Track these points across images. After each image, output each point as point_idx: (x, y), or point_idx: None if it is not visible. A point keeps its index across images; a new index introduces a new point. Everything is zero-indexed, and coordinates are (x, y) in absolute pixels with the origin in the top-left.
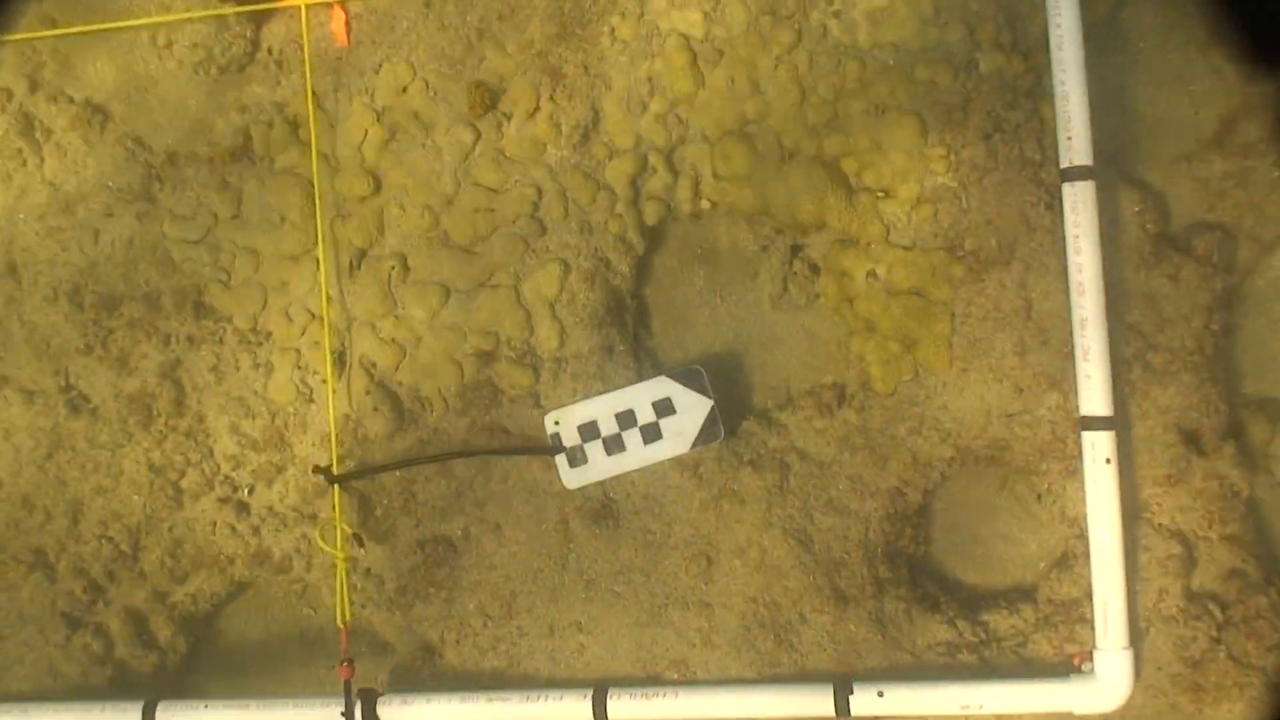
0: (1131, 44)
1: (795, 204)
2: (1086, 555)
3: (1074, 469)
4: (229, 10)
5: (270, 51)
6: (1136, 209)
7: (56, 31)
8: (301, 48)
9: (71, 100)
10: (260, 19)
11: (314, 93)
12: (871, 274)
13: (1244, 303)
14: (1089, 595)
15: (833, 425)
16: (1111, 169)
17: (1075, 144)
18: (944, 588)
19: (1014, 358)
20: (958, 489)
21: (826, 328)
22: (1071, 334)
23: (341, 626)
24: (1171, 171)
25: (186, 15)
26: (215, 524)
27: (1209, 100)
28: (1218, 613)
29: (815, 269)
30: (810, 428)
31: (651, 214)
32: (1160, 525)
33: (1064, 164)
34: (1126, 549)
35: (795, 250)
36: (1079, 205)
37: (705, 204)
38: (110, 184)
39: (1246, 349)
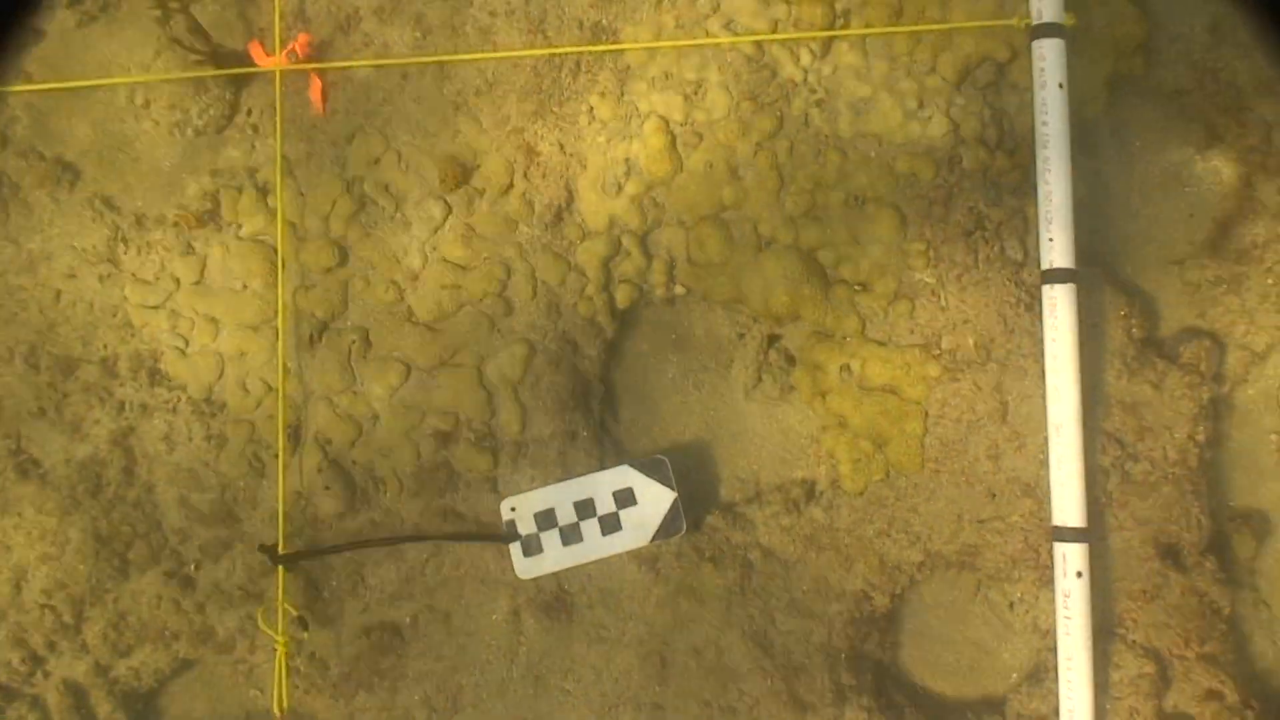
0: (1127, 143)
1: (770, 294)
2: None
3: (1048, 578)
4: (207, 73)
5: (250, 113)
6: (1123, 312)
7: (32, 87)
8: (277, 105)
9: (42, 157)
10: (241, 82)
11: (286, 159)
12: (845, 369)
13: (1234, 413)
14: (1058, 712)
15: (799, 523)
16: (1098, 270)
17: (1057, 245)
18: (910, 697)
19: (988, 462)
20: (929, 592)
21: (800, 421)
22: (1047, 440)
23: (278, 714)
24: (1162, 275)
25: (165, 76)
26: (160, 598)
27: (1204, 202)
28: None
29: (791, 360)
30: (776, 525)
31: (623, 297)
32: (1134, 642)
33: (1045, 265)
34: (1097, 666)
35: (772, 340)
36: (1058, 309)
37: (679, 289)
38: (75, 244)
39: (1235, 461)
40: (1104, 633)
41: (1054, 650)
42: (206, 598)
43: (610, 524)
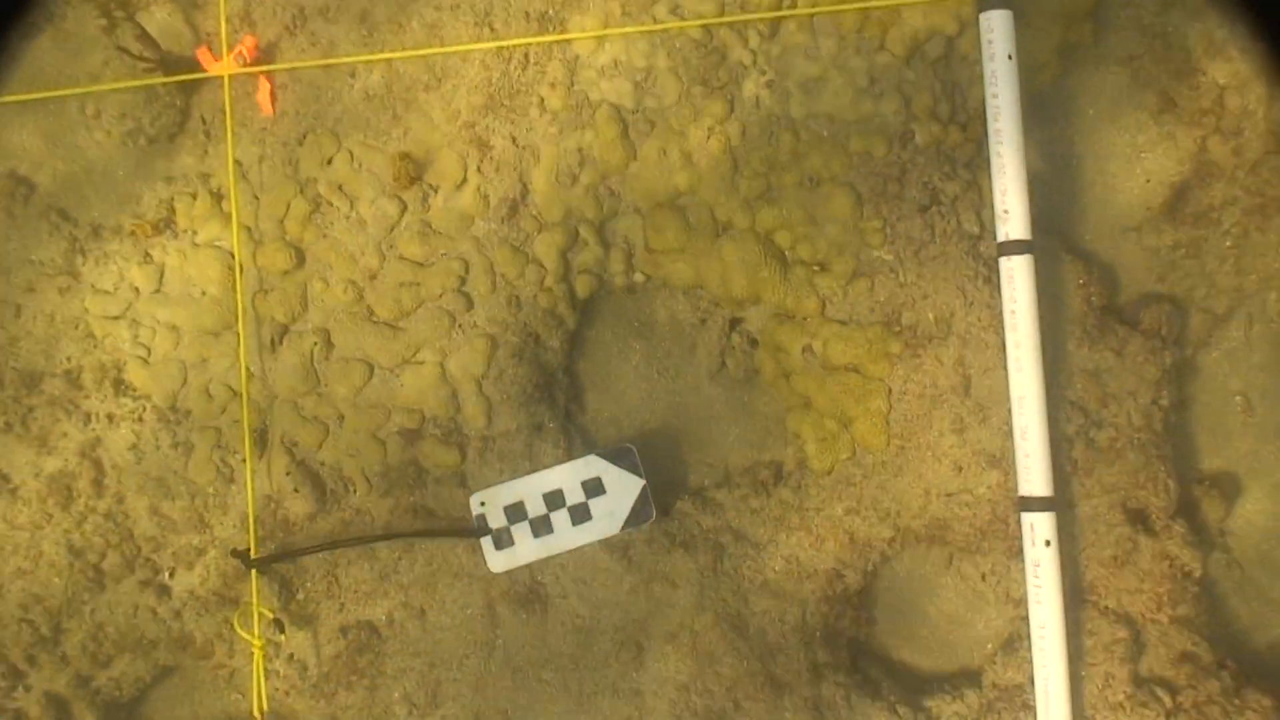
0: (1080, 110)
1: (729, 278)
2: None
3: (1018, 548)
4: (156, 80)
5: (203, 119)
6: (1081, 281)
7: None
8: (227, 111)
9: None
10: (191, 88)
11: (238, 163)
12: (807, 349)
13: (1198, 376)
14: (1033, 681)
15: (769, 505)
16: (1056, 240)
17: (1012, 217)
18: (886, 671)
19: (952, 435)
20: (902, 566)
21: (765, 402)
22: (1011, 411)
23: (258, 717)
24: (1120, 242)
25: (114, 85)
26: (137, 607)
27: (1160, 167)
28: (1167, 699)
29: (754, 343)
30: (745, 507)
31: (583, 287)
32: (1106, 608)
33: (1000, 238)
34: (1070, 634)
35: (734, 323)
36: (1016, 280)
37: (639, 277)
38: (33, 257)
39: (1200, 422)
40: (1076, 600)
41: (1027, 619)
42: (183, 605)
43: (580, 514)
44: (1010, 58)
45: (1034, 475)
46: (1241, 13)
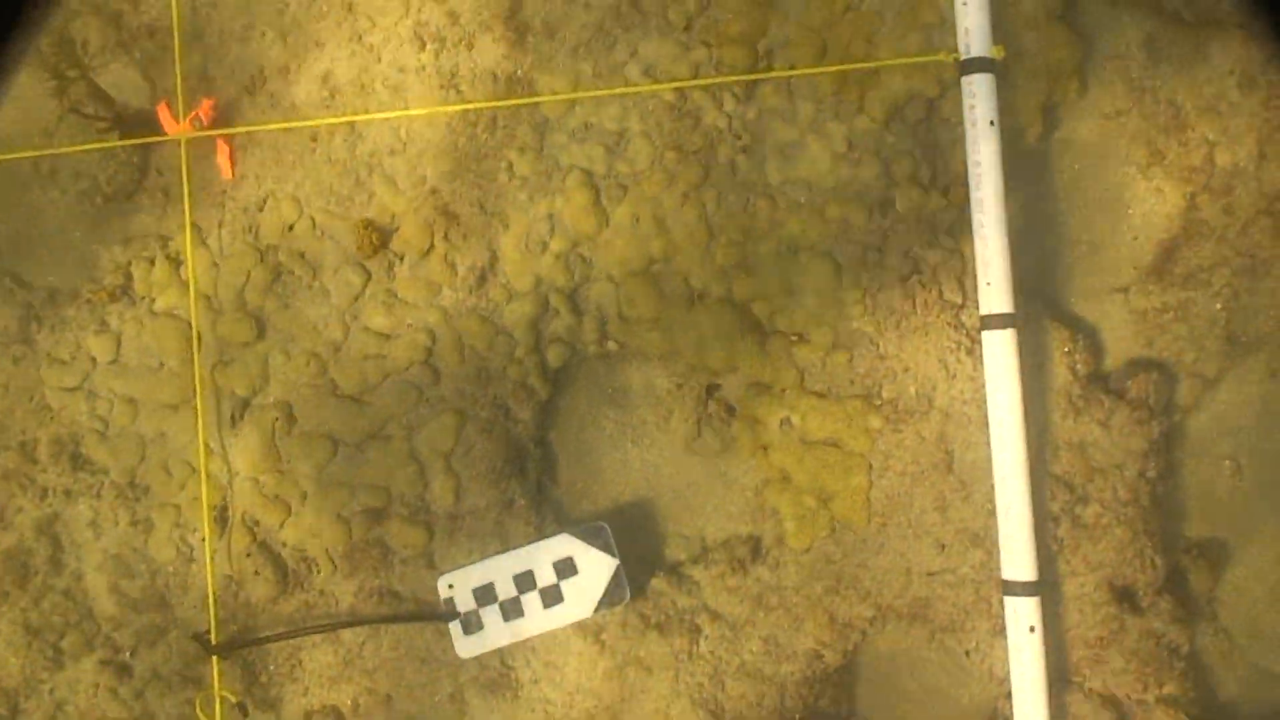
0: (1065, 165)
1: (705, 348)
2: None
3: (1001, 627)
4: (111, 144)
5: (160, 173)
6: (1066, 349)
7: None
8: (184, 176)
9: None
10: (149, 144)
11: (197, 228)
12: (786, 422)
13: (1185, 441)
14: None
15: (746, 583)
16: (1040, 304)
17: (994, 290)
18: None
19: (935, 513)
20: (884, 642)
21: (743, 472)
22: (994, 489)
23: None
24: (1107, 303)
25: (67, 149)
26: (98, 686)
27: (1148, 225)
28: None
29: (731, 410)
30: (722, 585)
31: (555, 357)
32: (1091, 691)
33: (983, 310)
34: (1055, 718)
35: (710, 390)
36: (999, 355)
37: (612, 345)
38: None
39: (1188, 488)
40: (1060, 682)
41: (1011, 698)
42: (145, 684)
43: (552, 596)
44: (992, 124)
45: (1017, 559)
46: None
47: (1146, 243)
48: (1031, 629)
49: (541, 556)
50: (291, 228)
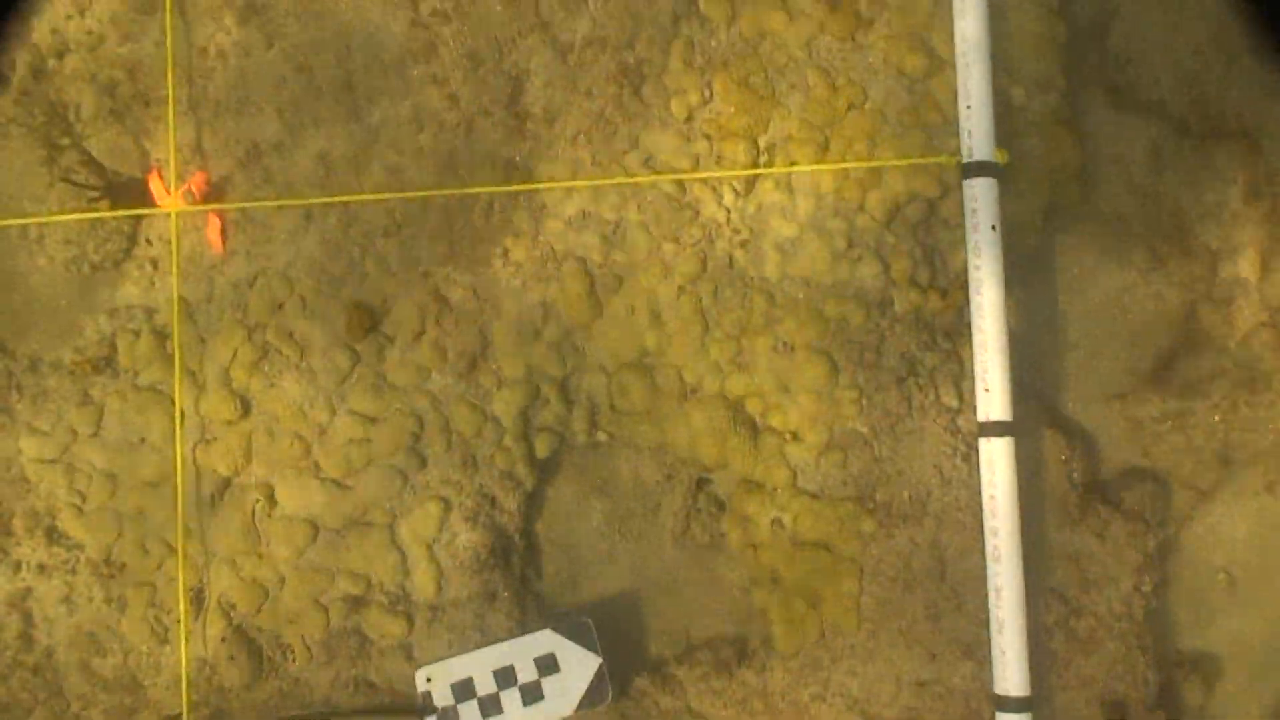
0: (1065, 268)
1: (697, 444)
2: None
3: None
4: (101, 214)
5: (149, 242)
6: (1063, 457)
7: None
8: (173, 249)
9: None
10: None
11: (184, 301)
12: (777, 522)
13: (1180, 552)
14: None
15: (731, 686)
16: (1037, 409)
17: (993, 397)
18: None
19: (926, 622)
20: None
21: (731, 570)
22: (988, 599)
23: None
24: (1104, 410)
25: (56, 217)
26: None
27: (1147, 331)
28: None
29: (721, 505)
30: (707, 688)
31: (544, 446)
32: None
33: (981, 418)
34: None
35: (700, 484)
36: (996, 466)
37: (602, 436)
38: None
39: (1181, 600)
40: None
41: None
42: None
43: (532, 693)
44: (994, 228)
45: (1010, 673)
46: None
47: (1145, 350)
48: None
49: (523, 652)
50: (281, 306)
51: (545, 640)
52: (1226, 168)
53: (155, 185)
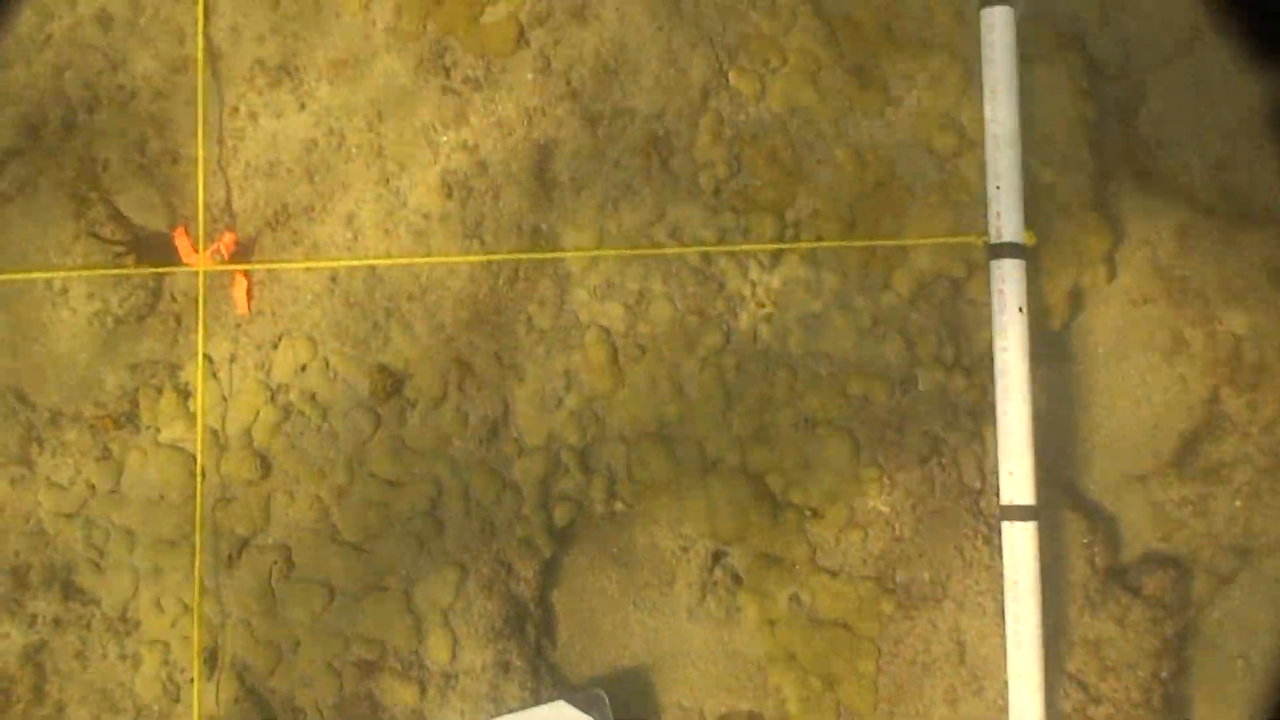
0: (1090, 348)
1: (716, 517)
2: None
3: None
4: (128, 271)
5: (174, 298)
6: (1085, 540)
7: None
8: (199, 307)
9: None
10: (161, 266)
11: (208, 360)
12: (795, 598)
13: (1197, 638)
14: None
15: None
16: (1059, 490)
17: (1017, 481)
18: None
19: (944, 707)
20: None
21: (746, 643)
22: (1007, 685)
23: None
24: (1125, 493)
25: (83, 272)
26: None
27: (1170, 413)
28: None
29: (738, 579)
30: None
31: (562, 515)
32: None
33: (1004, 501)
34: None
35: (717, 557)
36: (1018, 550)
37: (620, 506)
38: None
39: (1199, 686)
40: None
41: None
42: None
43: None
44: (1021, 310)
45: None
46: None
47: (1168, 432)
48: None
49: None
50: (304, 367)
51: (558, 712)
52: (1253, 253)
53: (181, 241)
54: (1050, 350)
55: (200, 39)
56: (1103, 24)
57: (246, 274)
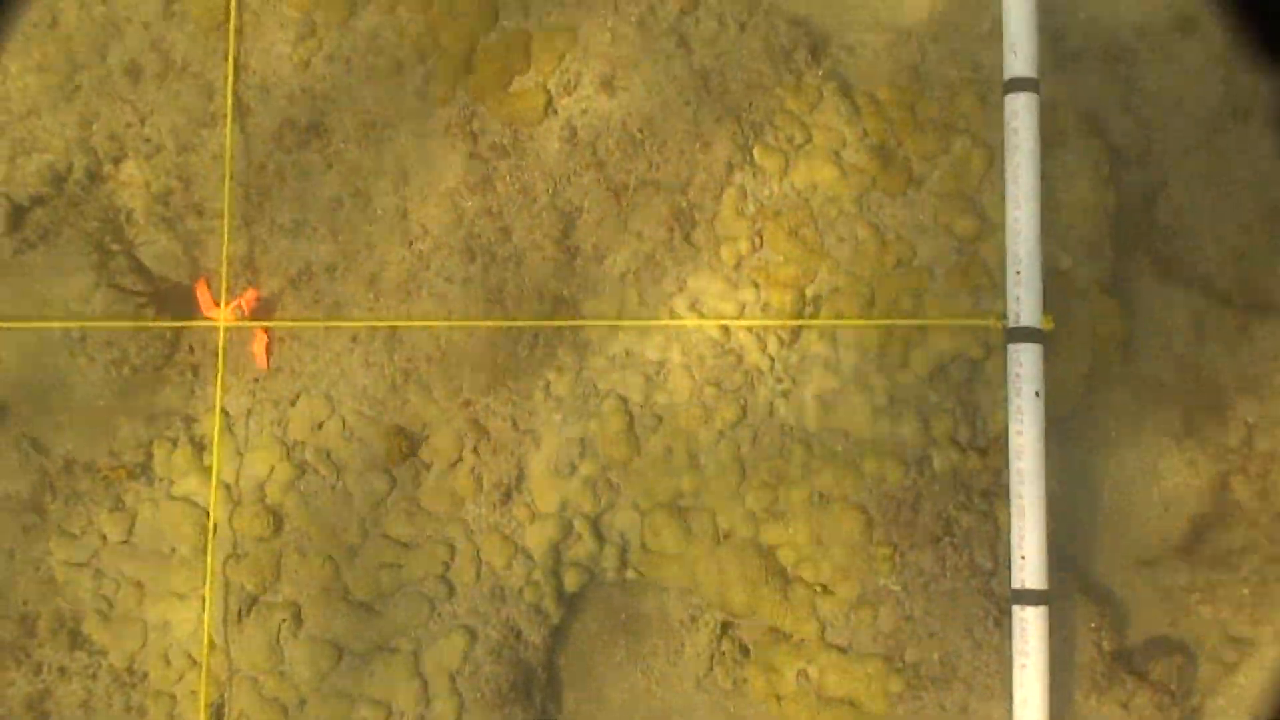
0: (1103, 430)
1: (726, 589)
2: None
3: None
4: (148, 324)
5: (192, 350)
6: (1093, 624)
7: None
8: (219, 362)
9: None
10: (182, 316)
11: (225, 414)
12: (803, 674)
13: None
14: None
15: None
16: (1068, 573)
17: (1029, 565)
18: None
19: None
20: None
21: (753, 716)
22: None
23: None
24: (1134, 576)
25: (103, 324)
26: None
27: (1180, 498)
28: None
29: (745, 650)
30: None
31: (572, 581)
32: None
33: (1015, 585)
34: None
35: (725, 627)
36: (1029, 634)
37: (631, 574)
38: None
39: None
40: None
41: None
42: None
43: None
44: (1038, 394)
45: None
46: None
47: (1177, 517)
48: None
49: None
50: (321, 426)
51: None
52: (1268, 344)
53: (202, 293)
54: (1063, 433)
55: (229, 95)
56: (1125, 111)
57: (267, 330)
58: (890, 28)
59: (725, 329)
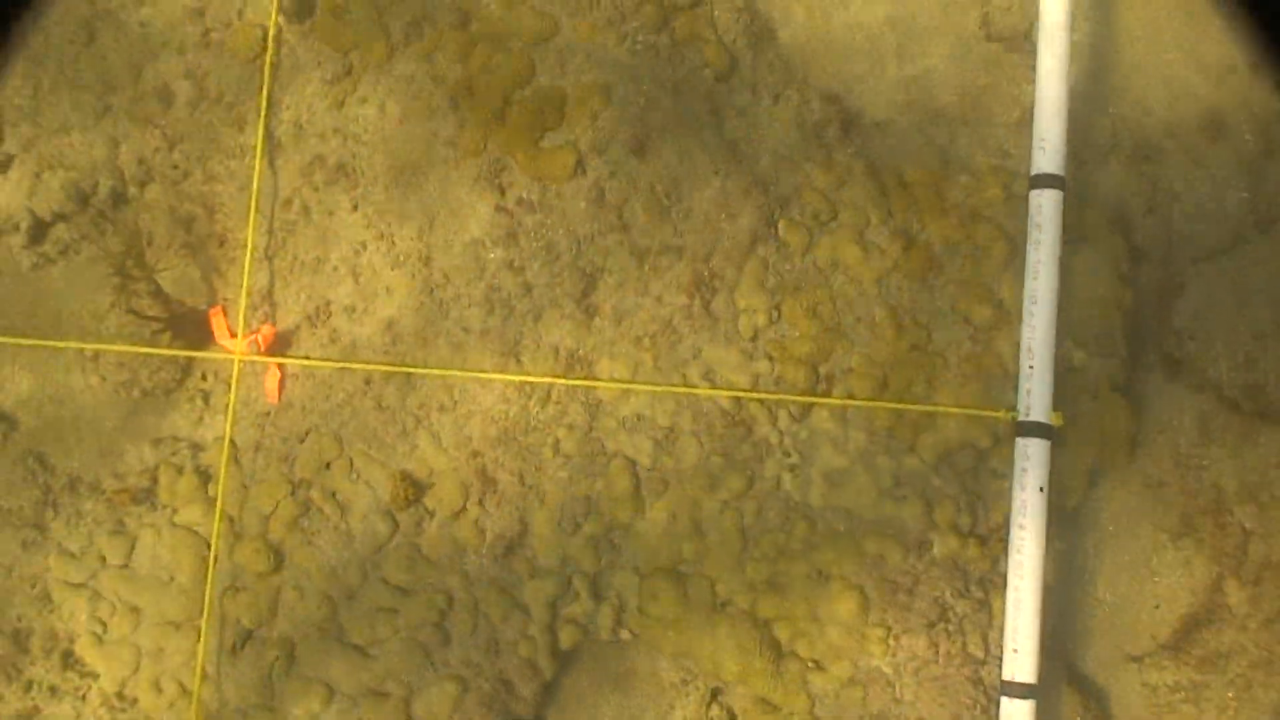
0: (1100, 524)
1: (720, 658)
2: None
3: None
4: (163, 351)
5: (203, 377)
6: (1078, 717)
7: None
8: (231, 394)
9: None
10: (194, 342)
11: (233, 445)
12: None
13: None
14: None
15: None
16: (1056, 663)
17: (1020, 659)
18: None
19: None
20: None
21: None
22: None
23: None
24: (1121, 671)
25: (119, 348)
26: None
27: (1172, 595)
28: None
29: (734, 718)
30: None
31: (567, 638)
32: None
33: (1006, 676)
34: None
35: (715, 694)
36: None
37: (626, 634)
38: (1, 503)
39: None
40: None
41: None
42: None
43: None
44: (1042, 490)
45: None
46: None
47: (1168, 614)
48: None
49: None
50: (329, 465)
51: None
52: (1271, 451)
53: (217, 322)
54: (1060, 521)
55: (261, 128)
56: (1149, 212)
57: (281, 365)
58: (922, 109)
59: (737, 400)
